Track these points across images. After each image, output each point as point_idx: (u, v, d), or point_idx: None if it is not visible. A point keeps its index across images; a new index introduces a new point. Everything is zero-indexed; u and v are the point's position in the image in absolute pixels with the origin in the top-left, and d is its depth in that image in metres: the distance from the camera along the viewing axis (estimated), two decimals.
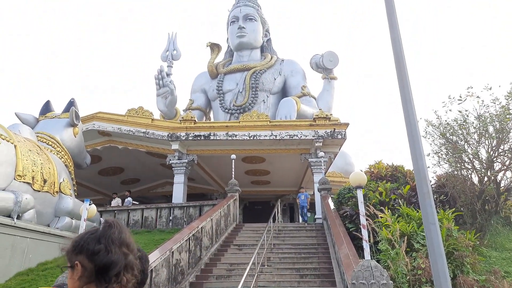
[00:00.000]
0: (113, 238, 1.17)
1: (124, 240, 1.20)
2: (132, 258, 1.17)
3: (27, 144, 10.64)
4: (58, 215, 11.18)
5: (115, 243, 1.17)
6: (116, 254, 1.15)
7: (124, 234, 1.21)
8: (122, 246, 1.17)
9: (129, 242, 1.21)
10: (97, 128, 16.52)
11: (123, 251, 1.16)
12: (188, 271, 8.48)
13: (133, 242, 1.25)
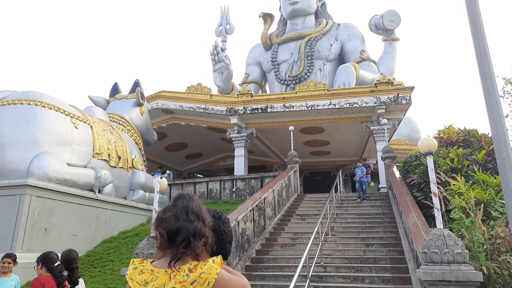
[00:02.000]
0: (181, 207, 1.24)
1: (192, 209, 1.26)
2: (199, 225, 1.21)
3: (101, 124, 11.52)
4: (133, 189, 12.13)
5: (183, 212, 1.23)
6: (183, 221, 1.20)
7: (192, 203, 1.28)
8: (190, 214, 1.23)
9: (197, 211, 1.27)
10: (160, 106, 17.34)
11: (190, 218, 1.22)
12: (253, 239, 8.80)
13: (204, 212, 1.30)
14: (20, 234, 7.77)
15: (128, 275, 1.19)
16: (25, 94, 9.53)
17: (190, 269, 1.12)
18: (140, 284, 1.13)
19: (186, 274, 1.11)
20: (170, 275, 1.12)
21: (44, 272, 3.47)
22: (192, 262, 1.15)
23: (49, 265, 3.50)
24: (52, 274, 3.46)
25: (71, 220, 9.12)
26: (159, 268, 1.14)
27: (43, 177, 8.57)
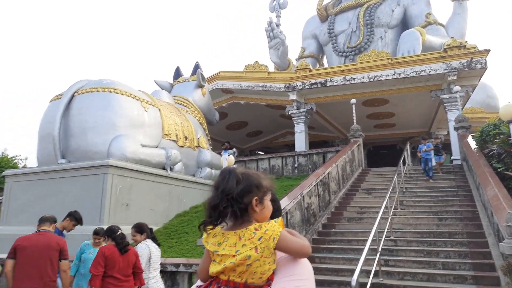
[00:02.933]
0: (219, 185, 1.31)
1: (227, 183, 1.30)
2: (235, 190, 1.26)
3: (167, 107, 12.14)
4: (200, 167, 12.74)
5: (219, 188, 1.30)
6: (217, 197, 1.29)
7: (227, 178, 1.32)
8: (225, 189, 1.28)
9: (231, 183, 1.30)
10: (220, 87, 17.75)
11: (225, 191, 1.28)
12: (319, 213, 8.86)
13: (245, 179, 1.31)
14: (106, 209, 8.61)
15: (204, 239, 1.32)
16: (100, 82, 10.31)
17: (255, 228, 1.23)
18: (214, 245, 1.26)
19: (253, 232, 1.22)
20: (239, 235, 1.23)
21: (110, 242, 4.14)
22: (257, 223, 1.25)
23: (112, 235, 4.15)
24: (114, 241, 4.08)
25: (148, 196, 9.88)
26: (228, 231, 1.27)
27: (121, 157, 9.32)
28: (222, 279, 1.22)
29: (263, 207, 1.29)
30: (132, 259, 4.13)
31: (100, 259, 3.92)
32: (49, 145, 9.64)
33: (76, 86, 10.13)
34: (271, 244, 1.21)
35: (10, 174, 10.31)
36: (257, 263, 1.18)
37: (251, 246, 1.20)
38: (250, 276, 1.20)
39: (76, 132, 9.61)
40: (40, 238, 4.06)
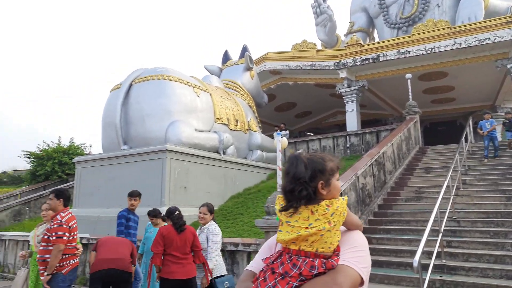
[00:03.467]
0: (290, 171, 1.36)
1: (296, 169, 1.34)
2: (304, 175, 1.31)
3: (218, 91, 12.38)
4: (251, 149, 12.95)
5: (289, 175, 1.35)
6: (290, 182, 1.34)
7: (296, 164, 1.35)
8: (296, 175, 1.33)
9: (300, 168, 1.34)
10: (268, 68, 17.67)
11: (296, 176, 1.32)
12: (374, 194, 8.67)
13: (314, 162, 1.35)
14: (166, 191, 9.11)
15: (278, 209, 1.38)
16: (154, 71, 10.74)
17: (327, 204, 1.29)
18: (286, 216, 1.32)
19: (325, 208, 1.29)
20: (311, 209, 1.29)
21: (170, 222, 4.42)
22: (326, 200, 1.31)
23: (169, 216, 4.44)
24: (172, 221, 4.36)
25: (203, 179, 10.27)
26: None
27: (177, 142, 9.74)
28: (293, 249, 1.28)
29: (329, 189, 1.34)
30: (189, 238, 4.33)
31: (159, 238, 4.20)
32: (112, 132, 10.31)
33: (133, 75, 10.64)
34: (341, 218, 1.30)
35: (79, 160, 11.21)
36: (328, 234, 1.26)
37: (325, 221, 1.27)
38: (321, 245, 1.27)
39: (135, 120, 10.16)
40: None
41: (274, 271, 1.27)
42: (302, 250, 1.27)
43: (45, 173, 17.37)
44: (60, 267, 4.10)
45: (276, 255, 1.33)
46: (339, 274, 1.23)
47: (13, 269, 9.08)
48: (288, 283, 1.22)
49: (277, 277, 1.25)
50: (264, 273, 1.31)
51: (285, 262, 1.27)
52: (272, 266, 1.29)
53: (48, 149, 18.19)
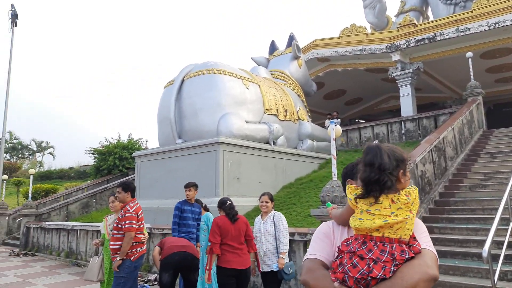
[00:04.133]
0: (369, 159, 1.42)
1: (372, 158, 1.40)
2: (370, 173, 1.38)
3: (266, 82, 12.40)
4: (301, 139, 12.85)
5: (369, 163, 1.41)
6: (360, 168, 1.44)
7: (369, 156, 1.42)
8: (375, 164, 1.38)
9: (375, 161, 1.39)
10: (316, 56, 17.35)
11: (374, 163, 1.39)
12: (435, 181, 8.24)
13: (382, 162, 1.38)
14: (220, 182, 9.35)
15: (351, 198, 1.43)
16: (205, 65, 10.99)
17: (406, 194, 1.37)
18: (366, 204, 1.37)
19: (406, 197, 1.36)
20: (391, 198, 1.35)
21: (222, 213, 4.51)
22: (404, 189, 1.39)
23: (222, 206, 4.54)
24: (224, 212, 4.46)
25: (256, 170, 10.40)
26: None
27: (228, 134, 9.93)
28: (376, 236, 1.34)
29: (406, 178, 1.41)
30: (243, 228, 4.40)
31: (216, 228, 4.29)
32: (167, 127, 10.76)
33: (184, 71, 10.98)
34: (418, 207, 1.41)
35: (139, 155, 11.85)
36: (410, 221, 1.36)
37: (407, 210, 1.36)
38: (403, 232, 1.35)
39: (188, 114, 10.51)
40: None
41: (363, 257, 1.31)
42: (386, 237, 1.33)
43: (107, 167, 18.61)
44: (129, 254, 4.40)
45: (357, 242, 1.36)
46: (427, 257, 1.33)
47: (85, 257, 9.89)
48: (384, 267, 1.28)
49: (370, 263, 1.30)
50: (350, 259, 1.34)
51: (373, 249, 1.31)
52: (360, 252, 1.33)
53: (109, 145, 19.44)
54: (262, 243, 4.52)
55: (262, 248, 4.50)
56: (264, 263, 4.46)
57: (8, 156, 38.66)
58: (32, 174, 16.21)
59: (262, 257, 4.48)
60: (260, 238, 4.55)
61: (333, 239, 1.55)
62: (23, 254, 11.73)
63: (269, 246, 4.48)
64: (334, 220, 1.62)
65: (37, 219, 13.50)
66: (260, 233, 4.58)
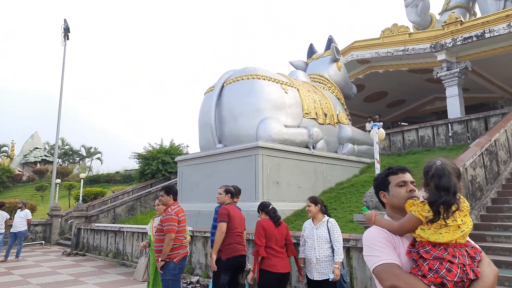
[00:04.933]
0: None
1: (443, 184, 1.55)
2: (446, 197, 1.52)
3: (305, 86, 12.32)
4: (341, 143, 12.63)
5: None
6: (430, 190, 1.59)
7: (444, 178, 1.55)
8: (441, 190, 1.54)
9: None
10: (355, 58, 17.01)
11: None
12: (486, 187, 7.77)
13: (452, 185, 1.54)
14: (260, 187, 9.39)
15: (425, 215, 1.55)
16: (244, 71, 11.13)
17: (462, 200, 1.57)
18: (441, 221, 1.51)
19: (467, 205, 1.57)
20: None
21: (264, 216, 4.55)
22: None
23: (264, 209, 4.58)
24: (268, 215, 4.50)
25: (295, 174, 10.34)
26: None
27: (267, 139, 9.97)
28: (451, 243, 1.50)
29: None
30: (284, 232, 4.48)
31: (261, 230, 4.32)
32: (207, 132, 10.99)
33: (224, 77, 11.19)
34: None
35: (181, 159, 12.19)
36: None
37: (468, 215, 1.55)
38: (467, 237, 1.56)
39: (228, 119, 10.68)
40: None
41: (452, 262, 1.46)
42: (458, 243, 1.51)
43: (151, 172, 19.31)
44: (172, 256, 4.53)
45: (439, 249, 1.49)
46: (487, 256, 1.57)
47: (131, 258, 10.30)
48: (473, 269, 1.47)
49: (461, 267, 1.45)
50: (441, 265, 1.46)
51: (456, 254, 1.48)
52: (448, 258, 1.47)
53: (152, 150, 20.18)
54: (314, 250, 4.23)
55: (314, 255, 4.22)
56: (316, 271, 4.19)
57: (60, 161, 41.25)
58: (82, 178, 17.17)
59: (314, 264, 4.20)
60: (313, 244, 4.27)
61: (394, 245, 1.62)
62: (74, 254, 12.42)
63: (323, 253, 4.21)
64: (389, 230, 1.68)
65: (87, 221, 14.25)
66: (312, 238, 4.29)
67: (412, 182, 1.78)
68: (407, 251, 1.59)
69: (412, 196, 1.71)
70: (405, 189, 1.75)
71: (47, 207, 20.20)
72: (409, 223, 1.60)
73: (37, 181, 33.05)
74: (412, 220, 1.59)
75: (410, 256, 1.57)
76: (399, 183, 1.75)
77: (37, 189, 27.46)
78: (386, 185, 1.81)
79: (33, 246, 14.96)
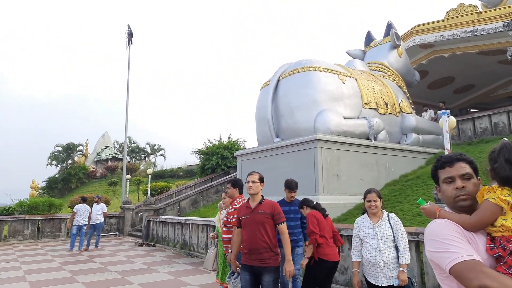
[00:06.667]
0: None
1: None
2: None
3: (363, 75, 11.93)
4: (404, 133, 12.06)
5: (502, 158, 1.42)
6: (500, 166, 1.41)
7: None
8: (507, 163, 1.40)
9: None
10: (417, 43, 16.08)
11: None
12: None
13: None
14: (319, 180, 9.32)
15: (491, 195, 1.41)
16: (299, 64, 11.05)
17: None
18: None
19: None
20: None
21: (309, 210, 4.73)
22: None
23: (310, 204, 4.76)
24: (315, 209, 4.68)
25: (355, 167, 10.10)
26: None
27: (326, 131, 9.83)
28: None
29: None
30: (330, 223, 4.69)
31: (314, 220, 4.49)
32: (265, 127, 11.11)
33: (279, 71, 11.21)
34: None
35: (239, 154, 12.48)
36: None
37: None
38: None
39: (284, 113, 10.71)
40: None
41: None
42: None
43: (211, 166, 20.01)
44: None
45: None
46: None
47: (197, 248, 10.80)
48: None
49: None
50: None
51: None
52: None
53: (212, 146, 20.87)
54: (380, 252, 3.61)
55: (381, 258, 3.60)
56: (383, 275, 3.58)
57: (128, 158, 44.26)
58: (149, 174, 18.31)
59: (381, 268, 3.59)
60: (377, 245, 3.65)
61: (469, 240, 1.44)
62: (145, 244, 13.32)
63: (390, 255, 3.62)
64: (463, 225, 1.48)
65: (155, 214, 15.18)
66: (375, 238, 3.68)
67: (464, 175, 1.53)
68: (487, 248, 1.40)
69: (460, 195, 1.51)
70: (452, 187, 1.54)
71: (119, 201, 21.84)
72: (487, 214, 1.39)
73: (109, 177, 35.81)
74: (491, 209, 1.38)
75: (493, 252, 1.37)
76: (446, 180, 1.56)
77: (109, 185, 29.78)
78: (437, 180, 1.63)
79: (109, 236, 16.29)
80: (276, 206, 3.91)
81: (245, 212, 3.93)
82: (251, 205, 3.92)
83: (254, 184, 3.94)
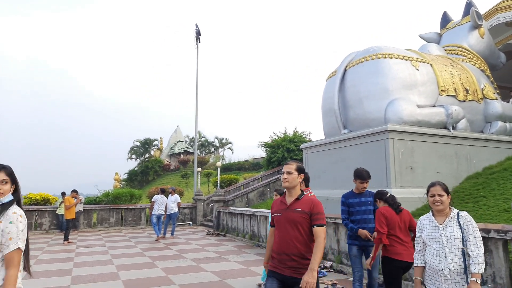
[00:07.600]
0: None
1: None
2: None
3: (439, 60, 11.06)
4: (488, 121, 10.99)
5: None
6: None
7: None
8: None
9: None
10: (502, 21, 14.42)
11: None
12: None
13: None
14: (392, 173, 8.89)
15: None
16: (367, 51, 10.59)
17: None
18: None
19: None
20: None
21: (382, 204, 4.45)
22: None
23: (383, 198, 4.48)
24: (387, 203, 4.39)
25: (432, 158, 9.45)
26: None
27: (398, 121, 9.32)
28: None
29: None
30: (407, 219, 4.33)
31: (382, 218, 4.21)
32: (331, 118, 10.88)
33: (346, 60, 10.86)
34: None
35: (306, 146, 12.38)
36: None
37: None
38: None
39: (352, 103, 10.36)
40: None
41: None
42: None
43: (277, 159, 20.15)
44: None
45: None
46: None
47: (265, 240, 11.00)
48: None
49: None
50: None
51: None
52: None
53: (277, 139, 21.00)
54: (446, 258, 2.95)
55: (447, 265, 2.93)
56: (447, 286, 2.95)
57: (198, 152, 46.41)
58: (219, 166, 19.02)
59: (446, 277, 2.93)
60: (442, 250, 2.98)
61: None
62: (216, 234, 13.90)
63: (456, 263, 2.93)
64: None
65: (225, 205, 15.75)
66: (440, 242, 3.02)
67: None
68: None
69: None
70: None
71: (191, 192, 23.04)
72: None
73: (182, 170, 37.92)
74: None
75: None
76: None
77: (182, 177, 31.57)
78: None
79: (183, 226, 17.30)
80: (317, 204, 3.03)
81: (279, 208, 3.15)
82: (287, 201, 3.11)
83: (290, 175, 3.08)
